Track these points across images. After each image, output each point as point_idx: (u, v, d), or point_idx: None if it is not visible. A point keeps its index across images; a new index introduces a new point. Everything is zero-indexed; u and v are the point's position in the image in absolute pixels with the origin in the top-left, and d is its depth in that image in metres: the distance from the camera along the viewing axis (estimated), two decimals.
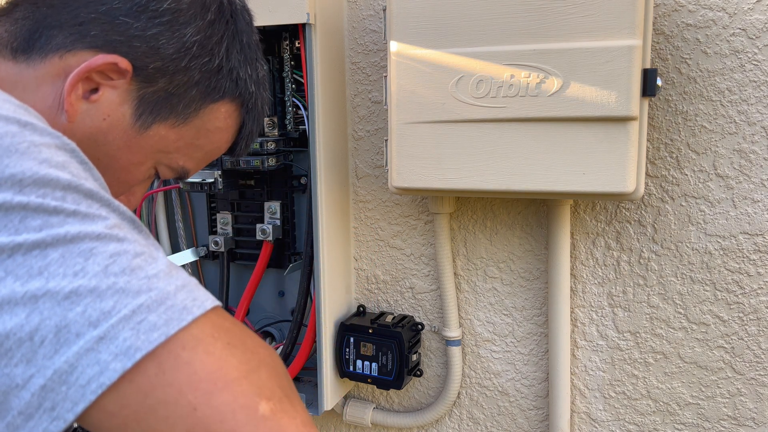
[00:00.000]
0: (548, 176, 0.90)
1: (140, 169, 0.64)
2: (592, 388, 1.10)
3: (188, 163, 0.67)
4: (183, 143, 0.65)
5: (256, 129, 0.71)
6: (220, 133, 0.67)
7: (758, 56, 0.92)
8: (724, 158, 0.96)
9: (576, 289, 1.08)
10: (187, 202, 1.29)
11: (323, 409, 1.12)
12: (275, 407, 0.43)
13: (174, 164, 0.66)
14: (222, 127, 0.67)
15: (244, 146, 0.72)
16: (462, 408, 1.20)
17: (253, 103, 0.69)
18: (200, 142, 0.66)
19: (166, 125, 0.62)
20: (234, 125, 0.69)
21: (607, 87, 0.85)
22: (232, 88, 0.65)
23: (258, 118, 0.71)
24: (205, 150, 0.68)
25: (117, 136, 0.60)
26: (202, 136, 0.66)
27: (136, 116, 0.60)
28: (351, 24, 1.14)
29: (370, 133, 1.17)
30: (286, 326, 1.24)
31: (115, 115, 0.59)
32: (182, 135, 0.64)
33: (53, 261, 0.41)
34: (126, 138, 0.61)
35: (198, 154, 0.67)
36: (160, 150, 0.64)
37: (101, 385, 0.40)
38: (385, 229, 1.19)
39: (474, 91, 0.91)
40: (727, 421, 1.03)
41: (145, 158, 0.63)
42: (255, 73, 0.68)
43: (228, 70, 0.64)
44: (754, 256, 0.97)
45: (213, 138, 0.67)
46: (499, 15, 0.89)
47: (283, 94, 1.13)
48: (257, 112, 0.70)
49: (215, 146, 0.68)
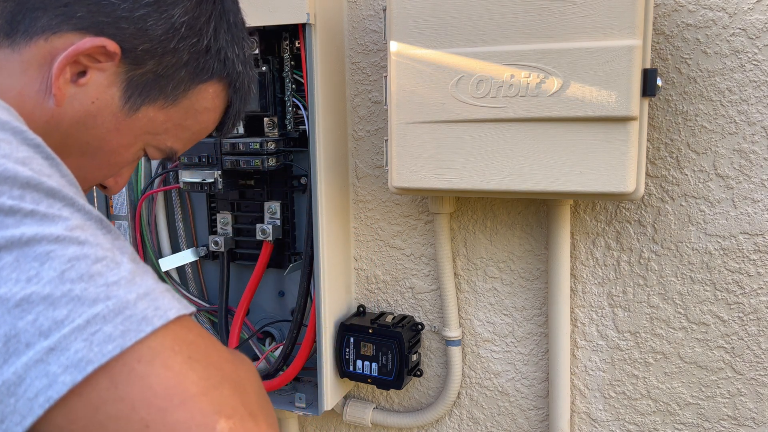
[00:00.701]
0: (548, 176, 0.90)
1: (130, 151, 0.64)
2: (592, 388, 1.10)
3: (176, 143, 0.67)
4: (171, 124, 0.64)
5: (243, 108, 0.71)
6: (207, 113, 0.67)
7: (758, 56, 0.92)
8: (724, 158, 0.96)
9: (576, 289, 1.08)
10: (187, 202, 1.29)
11: (323, 409, 1.12)
12: (235, 426, 0.41)
13: (162, 145, 0.66)
14: (210, 107, 0.67)
15: (231, 126, 0.72)
16: (462, 408, 1.20)
17: (240, 83, 0.68)
18: (188, 123, 0.66)
19: (155, 107, 0.62)
20: (221, 105, 0.68)
21: (607, 87, 0.85)
22: (220, 68, 0.65)
23: (245, 98, 0.70)
24: (193, 130, 0.68)
25: (106, 119, 0.60)
26: (191, 117, 0.66)
27: (124, 99, 0.60)
28: (351, 24, 1.14)
29: (370, 133, 1.17)
30: (286, 326, 1.24)
31: (104, 98, 0.59)
32: (171, 116, 0.64)
33: (6, 265, 0.39)
34: (115, 121, 0.60)
35: (186, 134, 0.67)
36: (149, 132, 0.63)
37: (49, 398, 0.38)
38: (385, 229, 1.19)
39: (474, 91, 0.91)
40: (727, 421, 1.03)
41: (134, 140, 0.63)
42: (242, 52, 0.67)
43: (216, 50, 0.64)
44: (754, 256, 0.97)
45: (201, 119, 0.67)
46: (499, 15, 0.89)
47: (283, 94, 1.13)
48: (244, 92, 0.70)
49: (203, 126, 0.68)
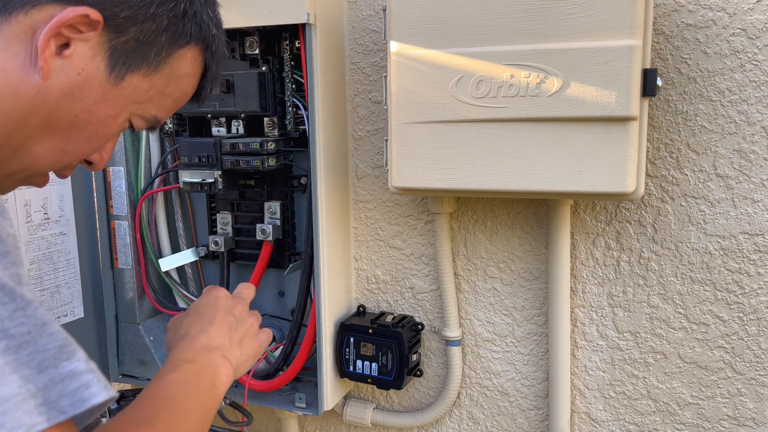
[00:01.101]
0: (548, 176, 0.90)
1: (116, 122, 0.64)
2: (592, 388, 1.10)
3: (159, 111, 0.67)
4: (155, 92, 0.65)
5: (219, 72, 0.72)
6: (187, 78, 0.68)
7: (758, 56, 0.92)
8: (724, 158, 0.96)
9: (576, 289, 1.08)
10: (187, 202, 1.29)
11: (323, 409, 1.12)
12: None
13: (147, 114, 0.66)
14: (189, 72, 0.67)
15: (209, 90, 0.72)
16: (462, 408, 1.20)
17: (216, 46, 0.69)
18: (169, 90, 0.66)
19: (139, 75, 0.62)
20: (199, 70, 0.69)
21: (607, 87, 0.85)
22: (197, 31, 0.65)
23: (220, 61, 0.71)
24: (175, 97, 0.68)
25: (93, 90, 0.60)
26: (172, 83, 0.66)
27: (110, 68, 0.60)
28: (351, 24, 1.14)
29: (370, 133, 1.17)
30: (286, 326, 1.24)
31: (89, 69, 0.59)
32: (154, 84, 0.64)
33: None
34: (102, 91, 0.60)
35: (168, 101, 0.67)
36: (135, 101, 0.64)
37: None
38: (385, 229, 1.19)
39: (474, 91, 0.91)
40: (727, 421, 1.03)
41: (120, 110, 0.63)
42: (215, 15, 0.68)
43: (192, 13, 0.64)
44: (754, 256, 0.97)
45: (181, 84, 0.67)
46: (499, 15, 0.89)
47: (283, 94, 1.13)
48: (220, 55, 0.70)
49: (183, 92, 0.69)
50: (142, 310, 1.27)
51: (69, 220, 1.17)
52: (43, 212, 1.12)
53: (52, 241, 1.14)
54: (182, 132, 1.21)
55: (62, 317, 1.17)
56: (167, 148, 1.24)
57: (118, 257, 1.25)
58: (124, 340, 1.27)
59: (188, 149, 1.13)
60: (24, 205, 1.09)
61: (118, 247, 1.24)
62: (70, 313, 1.18)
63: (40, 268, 1.12)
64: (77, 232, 1.18)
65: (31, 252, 1.10)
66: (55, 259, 1.15)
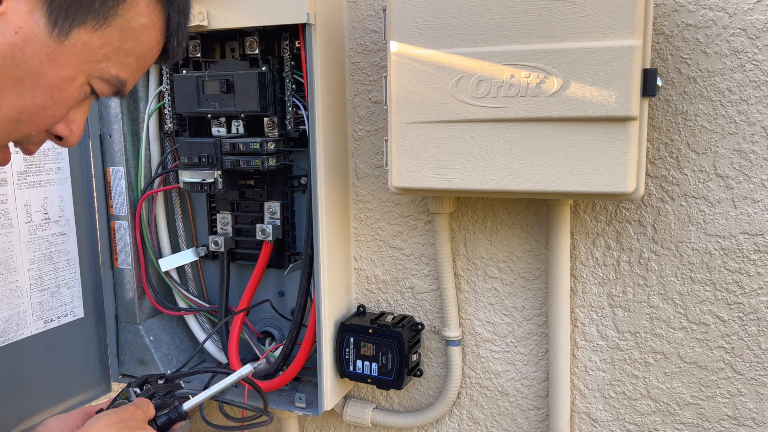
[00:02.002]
0: (548, 176, 0.90)
1: (72, 86, 0.59)
2: (592, 388, 1.10)
3: (121, 71, 0.62)
4: (110, 48, 0.59)
5: (184, 22, 0.65)
6: (146, 31, 0.62)
7: (758, 56, 0.92)
8: (724, 158, 0.96)
9: (576, 289, 1.08)
10: (187, 202, 1.29)
11: (323, 409, 1.12)
12: None
13: (106, 74, 0.60)
14: (147, 23, 0.61)
15: (176, 44, 0.66)
16: (462, 408, 1.20)
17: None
18: (128, 45, 0.61)
19: (86, 29, 0.57)
20: (159, 20, 0.63)
21: (607, 87, 0.85)
22: None
23: (183, 10, 0.65)
24: (136, 54, 0.62)
25: (36, 50, 0.55)
26: (129, 38, 0.60)
27: (51, 23, 0.55)
28: (351, 24, 1.14)
29: (370, 133, 1.17)
30: (286, 326, 1.24)
31: (28, 26, 0.54)
32: (107, 39, 0.59)
33: None
34: (47, 50, 0.55)
35: (129, 59, 0.62)
36: (88, 60, 0.58)
37: None
38: (385, 229, 1.19)
39: (474, 91, 0.91)
40: (727, 421, 1.03)
41: (74, 71, 0.58)
42: None
43: None
44: (754, 256, 0.97)
45: (141, 38, 0.62)
46: (499, 15, 0.89)
47: (283, 94, 1.13)
48: (180, 3, 0.64)
49: (146, 47, 0.63)
50: (142, 310, 1.27)
51: (69, 220, 1.17)
52: (43, 212, 1.12)
53: (52, 241, 1.14)
54: (182, 132, 1.21)
55: (62, 317, 1.17)
56: (167, 148, 1.24)
57: (118, 257, 1.25)
58: (124, 340, 1.27)
59: (188, 149, 1.13)
60: (24, 205, 1.09)
61: (118, 247, 1.24)
62: (70, 313, 1.18)
63: (40, 268, 1.12)
64: (77, 232, 1.19)
65: (31, 252, 1.10)
66: (55, 259, 1.15)
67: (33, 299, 1.11)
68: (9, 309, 1.07)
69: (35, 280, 1.11)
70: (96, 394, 1.26)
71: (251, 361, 0.85)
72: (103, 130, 1.21)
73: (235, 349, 1.20)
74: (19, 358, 1.09)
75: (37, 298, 1.12)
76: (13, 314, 1.08)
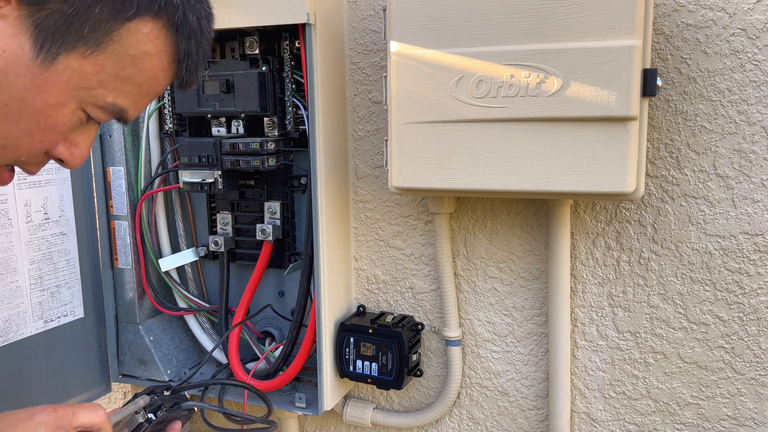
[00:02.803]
0: (548, 176, 0.90)
1: (62, 112, 0.56)
2: (592, 388, 1.10)
3: (120, 99, 0.58)
4: (106, 75, 0.56)
5: (197, 50, 0.60)
6: (149, 59, 0.57)
7: (758, 56, 0.92)
8: (724, 158, 0.96)
9: (576, 289, 1.08)
10: (187, 202, 1.29)
11: (323, 409, 1.12)
12: None
13: (101, 102, 0.57)
14: (150, 51, 0.57)
15: (187, 72, 0.61)
16: (462, 408, 1.20)
17: (181, 18, 0.57)
18: (127, 73, 0.57)
19: (75, 55, 0.53)
20: (165, 48, 0.58)
21: (607, 87, 0.85)
22: (147, 1, 0.55)
23: (194, 35, 0.59)
24: (138, 82, 0.58)
25: (20, 74, 0.52)
26: (128, 65, 0.56)
27: (36, 48, 0.52)
28: (351, 24, 1.14)
29: (370, 133, 1.17)
30: (286, 326, 1.24)
31: (12, 49, 0.51)
32: (102, 66, 0.55)
33: None
34: (31, 75, 0.52)
35: (129, 87, 0.58)
36: (78, 86, 0.55)
37: None
38: (385, 229, 1.19)
39: (474, 91, 0.91)
40: (727, 421, 1.03)
41: (63, 98, 0.55)
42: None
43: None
44: (754, 256, 0.97)
45: (142, 66, 0.57)
46: (499, 15, 0.89)
47: (283, 94, 1.13)
48: (191, 28, 0.59)
49: (149, 75, 0.58)
50: (142, 310, 1.27)
51: (69, 220, 1.17)
52: (43, 212, 1.12)
53: (52, 241, 1.14)
54: (182, 132, 1.21)
55: (62, 317, 1.17)
56: (167, 148, 1.24)
57: (118, 257, 1.25)
58: (124, 340, 1.27)
59: (188, 149, 1.13)
60: (24, 205, 1.09)
61: (118, 247, 1.24)
62: (70, 313, 1.18)
63: (40, 268, 1.12)
64: (77, 232, 1.19)
65: (31, 252, 1.10)
66: (55, 259, 1.15)
67: (33, 299, 1.11)
68: (9, 309, 1.07)
69: (35, 280, 1.11)
70: (96, 394, 1.26)
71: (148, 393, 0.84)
72: (103, 130, 1.21)
73: (235, 350, 1.20)
74: (19, 358, 1.09)
75: (37, 298, 1.12)
76: (12, 314, 1.08)
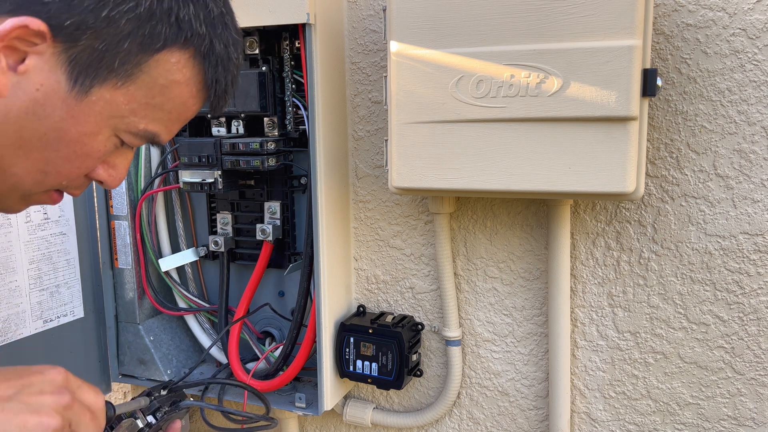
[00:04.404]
0: (548, 176, 0.90)
1: (97, 139, 0.59)
2: (592, 388, 1.10)
3: (151, 125, 0.61)
4: (137, 105, 0.59)
5: (225, 76, 0.63)
6: (178, 87, 0.60)
7: (758, 56, 0.92)
8: (724, 158, 0.96)
9: (576, 289, 1.08)
10: (187, 202, 1.29)
11: (323, 409, 1.12)
12: None
13: (134, 129, 0.60)
14: (179, 80, 0.60)
15: (215, 97, 0.64)
16: (462, 408, 1.20)
17: (207, 47, 0.60)
18: (158, 101, 0.60)
19: (108, 87, 0.57)
20: (194, 75, 0.61)
21: (607, 87, 0.85)
22: (174, 33, 0.57)
23: (222, 63, 0.62)
24: (167, 109, 0.61)
25: (57, 106, 0.55)
26: (158, 94, 0.59)
27: (71, 81, 0.55)
28: (351, 24, 1.14)
29: (370, 133, 1.17)
30: (286, 326, 1.24)
31: (49, 83, 0.55)
32: (132, 95, 0.58)
33: None
34: (67, 107, 0.56)
35: (161, 114, 0.61)
36: (112, 115, 0.58)
37: None
38: (385, 229, 1.19)
39: (474, 91, 0.91)
40: (727, 421, 1.03)
41: (97, 127, 0.58)
42: (203, 11, 0.59)
43: (164, 13, 0.57)
44: (754, 256, 0.97)
45: (172, 94, 0.60)
46: (499, 15, 0.89)
47: (283, 94, 1.13)
48: (218, 56, 0.61)
49: (178, 102, 0.61)
50: (142, 310, 1.27)
51: (69, 220, 1.17)
52: (43, 212, 1.12)
53: (51, 241, 1.14)
54: (182, 132, 1.21)
55: (62, 317, 1.17)
56: (167, 148, 1.24)
57: (118, 257, 1.25)
58: (124, 340, 1.27)
59: (188, 149, 1.13)
60: None
61: (118, 247, 1.24)
62: (69, 313, 1.18)
63: (40, 267, 1.12)
64: (77, 232, 1.19)
65: (31, 252, 1.10)
66: (55, 259, 1.15)
67: (32, 299, 1.11)
68: (8, 309, 1.07)
69: (34, 280, 1.11)
70: None
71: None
72: None
73: (235, 350, 1.20)
74: (18, 358, 1.09)
75: (36, 298, 1.12)
76: (11, 314, 1.08)
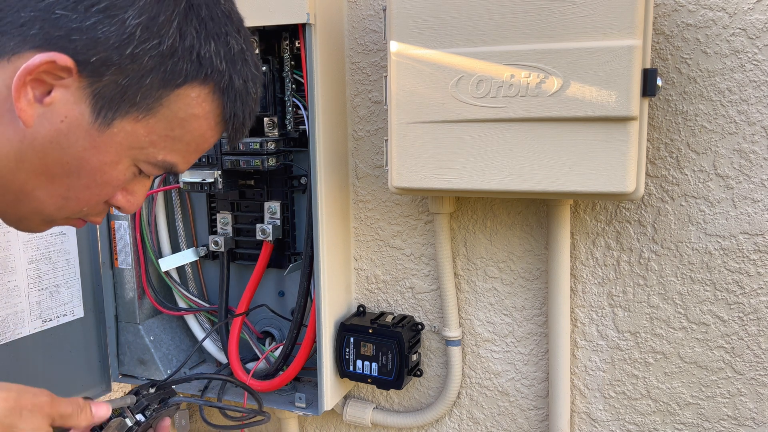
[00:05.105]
0: (548, 176, 0.90)
1: (117, 169, 0.62)
2: (592, 388, 1.10)
3: (170, 156, 0.63)
4: (156, 136, 0.61)
5: (242, 110, 0.65)
6: (197, 120, 0.62)
7: (758, 56, 0.92)
8: (724, 158, 0.96)
9: (576, 289, 1.08)
10: (187, 202, 1.29)
11: (323, 409, 1.12)
12: None
13: (153, 159, 0.63)
14: (198, 113, 0.62)
15: (233, 130, 0.66)
16: (462, 408, 1.20)
17: (227, 82, 0.62)
18: (177, 134, 0.62)
19: (129, 119, 0.59)
20: (213, 109, 0.63)
21: (607, 87, 0.85)
22: (195, 69, 0.60)
23: (241, 98, 0.64)
24: (186, 141, 0.63)
25: (80, 137, 0.58)
26: (177, 127, 0.62)
27: (94, 114, 0.58)
28: (351, 24, 1.14)
29: (370, 133, 1.17)
30: (286, 326, 1.24)
31: (73, 115, 0.57)
32: (153, 128, 0.61)
33: None
34: (89, 138, 0.58)
35: (179, 146, 0.63)
36: (132, 146, 0.61)
37: None
38: (385, 229, 1.19)
39: (474, 91, 0.91)
40: (727, 421, 1.03)
41: (117, 157, 0.61)
42: (224, 48, 0.61)
43: (186, 50, 0.59)
44: (754, 256, 0.97)
45: (190, 127, 0.63)
46: (499, 15, 0.89)
47: (283, 94, 1.13)
48: (236, 92, 0.63)
49: (197, 135, 0.64)
50: (142, 310, 1.27)
51: None
52: None
53: (51, 241, 1.14)
54: None
55: (62, 317, 1.17)
56: None
57: (118, 257, 1.25)
58: (124, 340, 1.27)
59: None
60: None
61: (118, 247, 1.24)
62: (69, 312, 1.18)
63: (39, 267, 1.12)
64: (77, 231, 1.18)
65: (30, 251, 1.10)
66: (55, 259, 1.15)
67: (31, 298, 1.11)
68: (6, 308, 1.07)
69: (33, 280, 1.11)
70: (96, 394, 1.26)
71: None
72: None
73: (235, 350, 1.20)
74: (17, 358, 1.09)
75: (35, 298, 1.12)
76: (10, 313, 1.08)
